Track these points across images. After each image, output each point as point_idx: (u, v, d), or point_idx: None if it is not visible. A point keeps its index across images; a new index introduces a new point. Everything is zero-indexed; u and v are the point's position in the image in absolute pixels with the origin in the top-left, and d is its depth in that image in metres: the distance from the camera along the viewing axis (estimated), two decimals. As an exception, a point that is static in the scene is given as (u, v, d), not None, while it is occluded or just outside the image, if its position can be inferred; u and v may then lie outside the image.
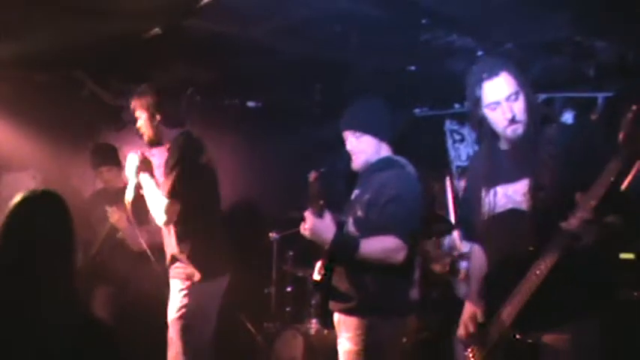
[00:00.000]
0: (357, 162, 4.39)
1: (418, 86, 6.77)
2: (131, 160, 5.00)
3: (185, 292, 4.89)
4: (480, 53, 5.73)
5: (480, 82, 3.50)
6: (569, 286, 3.32)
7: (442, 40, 5.43)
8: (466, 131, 7.94)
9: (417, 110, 8.33)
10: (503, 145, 3.61)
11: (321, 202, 4.03)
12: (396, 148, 4.41)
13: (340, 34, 5.25)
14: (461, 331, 3.72)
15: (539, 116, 3.54)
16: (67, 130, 6.92)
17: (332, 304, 4.27)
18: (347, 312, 4.20)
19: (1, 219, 2.98)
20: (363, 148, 4.35)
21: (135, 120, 5.12)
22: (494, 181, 3.61)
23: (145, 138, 5.12)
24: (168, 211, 4.77)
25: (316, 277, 4.32)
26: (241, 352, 6.04)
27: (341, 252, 4.07)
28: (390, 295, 4.18)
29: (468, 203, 3.86)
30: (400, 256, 4.03)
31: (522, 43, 5.47)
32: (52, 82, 6.76)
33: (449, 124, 8.13)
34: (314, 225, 4.00)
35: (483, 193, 3.64)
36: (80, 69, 6.78)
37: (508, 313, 3.41)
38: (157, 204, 4.82)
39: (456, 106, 7.98)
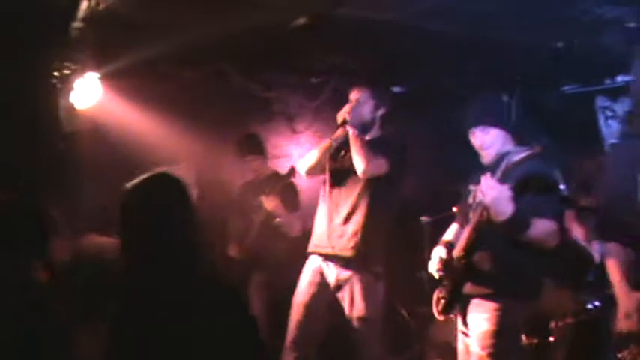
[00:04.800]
0: (489, 156, 4.40)
1: (567, 63, 6.58)
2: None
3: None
4: (631, 25, 5.53)
5: None
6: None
7: (592, 13, 5.26)
8: (618, 107, 7.68)
9: (566, 88, 8.12)
10: None
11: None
12: (546, 128, 4.36)
13: (488, 12, 5.17)
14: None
15: None
16: (217, 124, 7.09)
17: (470, 288, 4.28)
18: (485, 295, 4.22)
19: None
20: (492, 141, 4.39)
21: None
22: None
23: (354, 123, 5.12)
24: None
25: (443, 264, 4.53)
26: (395, 337, 6.04)
27: (516, 227, 3.99)
28: (526, 277, 4.24)
29: None
30: (556, 241, 4.05)
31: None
32: (199, 76, 6.94)
33: (600, 101, 7.87)
34: (499, 192, 3.93)
35: None
36: (227, 62, 6.93)
37: None
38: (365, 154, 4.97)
39: (607, 81, 7.72)
